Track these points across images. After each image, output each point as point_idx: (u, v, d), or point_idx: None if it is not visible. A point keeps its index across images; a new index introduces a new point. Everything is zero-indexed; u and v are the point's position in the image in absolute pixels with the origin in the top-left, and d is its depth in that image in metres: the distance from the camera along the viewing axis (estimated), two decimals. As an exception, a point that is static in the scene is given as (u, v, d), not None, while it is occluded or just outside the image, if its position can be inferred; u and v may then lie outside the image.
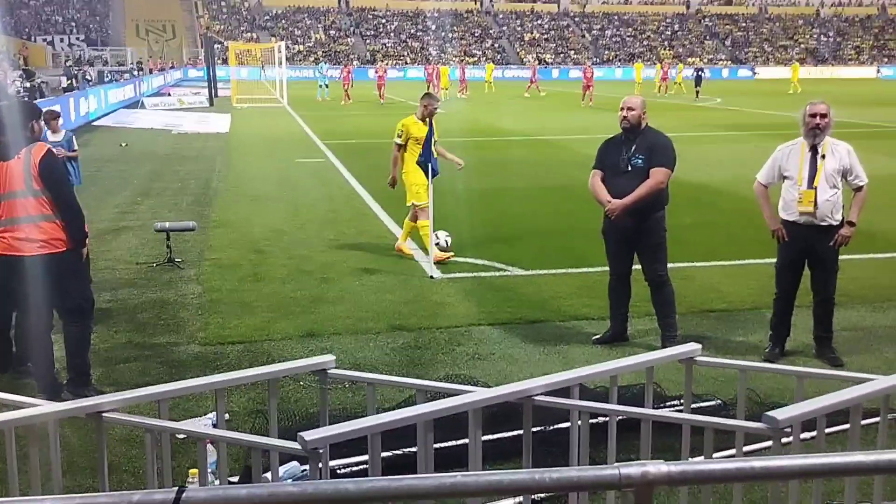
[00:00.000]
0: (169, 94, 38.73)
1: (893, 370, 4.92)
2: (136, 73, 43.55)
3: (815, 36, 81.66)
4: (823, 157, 5.82)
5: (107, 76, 38.63)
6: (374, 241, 9.92)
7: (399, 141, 8.82)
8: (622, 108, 6.10)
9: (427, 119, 8.67)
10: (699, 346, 3.42)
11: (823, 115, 5.79)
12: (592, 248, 9.27)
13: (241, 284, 8.04)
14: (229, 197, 13.01)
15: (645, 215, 6.06)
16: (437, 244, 8.73)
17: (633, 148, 6.05)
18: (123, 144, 20.16)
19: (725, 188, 13.17)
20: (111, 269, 8.59)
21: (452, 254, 8.86)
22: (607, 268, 8.31)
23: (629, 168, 6.03)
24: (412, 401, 3.66)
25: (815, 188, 5.77)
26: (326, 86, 39.40)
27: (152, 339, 6.51)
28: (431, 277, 8.21)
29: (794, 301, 6.11)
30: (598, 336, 6.48)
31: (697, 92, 38.71)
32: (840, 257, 5.99)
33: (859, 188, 5.90)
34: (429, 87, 40.88)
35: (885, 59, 78.01)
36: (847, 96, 38.22)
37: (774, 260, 6.24)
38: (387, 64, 51.96)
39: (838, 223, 5.85)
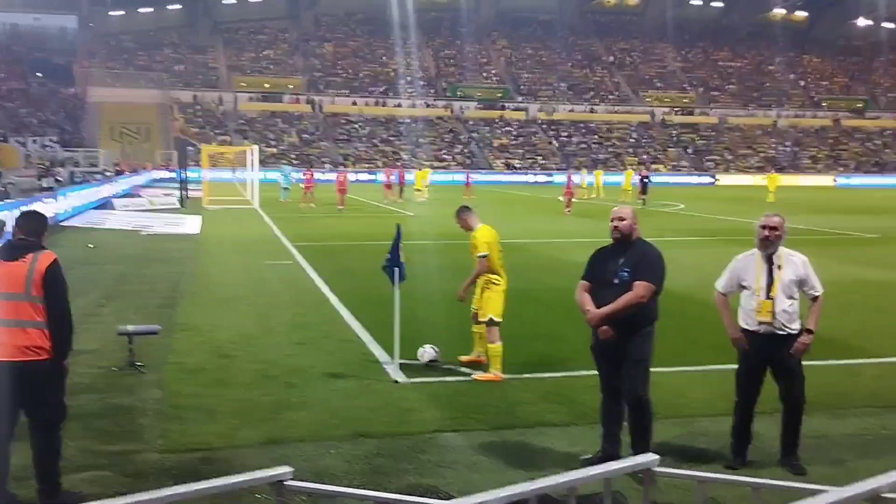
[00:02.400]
0: (139, 196, 38.90)
1: (853, 478, 4.95)
2: (107, 174, 43.79)
3: (773, 145, 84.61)
4: (780, 267, 5.99)
5: (77, 177, 38.78)
6: (342, 345, 9.88)
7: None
8: (613, 219, 5.97)
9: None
10: (657, 457, 3.45)
11: (773, 229, 6.00)
12: (556, 353, 9.38)
13: (204, 389, 7.94)
14: (197, 300, 12.96)
15: (630, 330, 5.88)
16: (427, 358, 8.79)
17: (622, 260, 5.90)
18: (90, 246, 20.10)
19: (687, 293, 13.37)
20: (70, 374, 8.42)
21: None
22: (572, 373, 8.45)
23: (616, 280, 5.87)
24: (371, 513, 3.61)
25: (773, 298, 5.92)
26: (288, 188, 39.65)
27: (109, 447, 6.38)
28: (396, 382, 8.18)
29: (755, 409, 6.16)
30: (587, 457, 6.13)
31: (643, 200, 37.36)
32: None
33: (815, 298, 6.06)
34: (401, 189, 41.65)
35: (841, 168, 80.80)
36: (809, 204, 39.46)
37: (736, 365, 6.32)
38: (347, 168, 52.12)
39: (797, 332, 5.97)
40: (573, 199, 34.27)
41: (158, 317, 11.22)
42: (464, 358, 8.84)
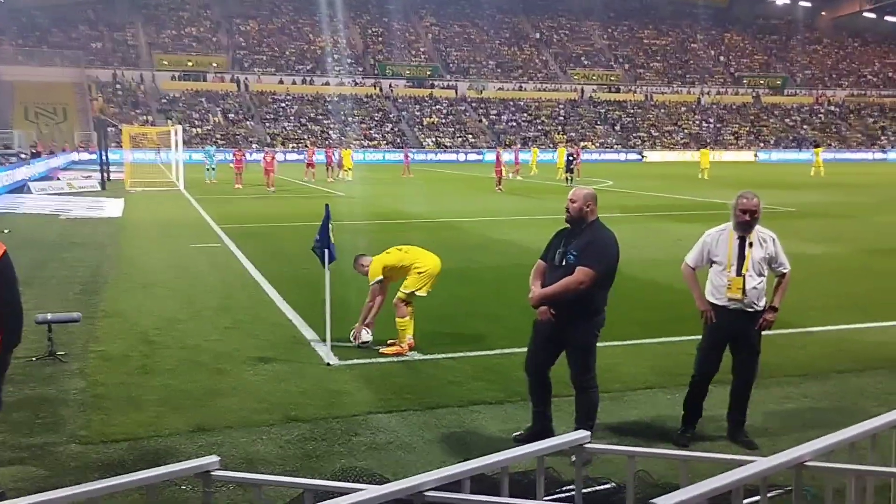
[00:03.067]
0: (58, 178, 37.57)
1: (777, 448, 5.09)
2: (23, 156, 42.18)
3: (697, 122, 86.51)
4: (751, 245, 6.04)
5: (-9, 159, 37.23)
6: (272, 328, 9.72)
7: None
8: (567, 200, 5.89)
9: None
10: (588, 433, 3.46)
11: (753, 212, 5.99)
12: (489, 331, 9.40)
13: (128, 378, 7.71)
14: (120, 285, 12.58)
15: (573, 315, 5.76)
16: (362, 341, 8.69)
17: (572, 243, 5.81)
18: (6, 231, 19.32)
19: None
20: (-13, 365, 8.09)
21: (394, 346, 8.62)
22: (505, 350, 8.47)
23: (563, 263, 5.77)
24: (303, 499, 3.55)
25: (744, 275, 5.97)
26: (213, 168, 38.79)
27: (30, 440, 6.13)
28: (328, 364, 8.09)
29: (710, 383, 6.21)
30: (518, 433, 6.14)
31: (568, 178, 37.48)
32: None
33: (783, 275, 6.15)
34: (327, 169, 41.32)
35: (761, 144, 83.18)
36: (733, 179, 40.45)
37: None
38: (275, 148, 51.38)
39: (763, 308, 6.06)
40: (503, 178, 34.45)
41: (79, 303, 10.85)
42: (385, 350, 8.62)
